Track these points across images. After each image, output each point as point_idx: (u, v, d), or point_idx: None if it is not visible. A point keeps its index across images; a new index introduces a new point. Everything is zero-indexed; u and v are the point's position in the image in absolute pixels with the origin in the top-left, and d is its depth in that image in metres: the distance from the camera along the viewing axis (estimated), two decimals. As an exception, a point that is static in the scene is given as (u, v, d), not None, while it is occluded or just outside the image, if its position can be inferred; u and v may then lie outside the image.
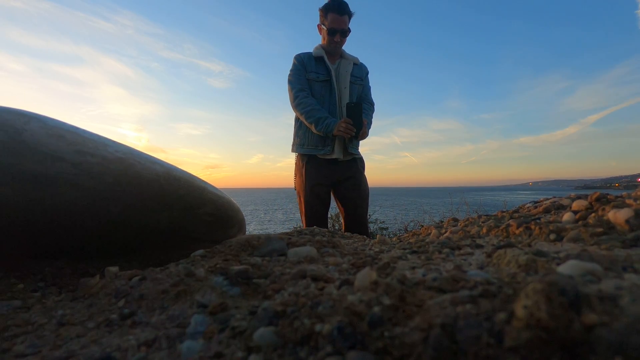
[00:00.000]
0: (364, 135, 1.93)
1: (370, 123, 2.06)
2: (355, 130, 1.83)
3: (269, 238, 0.89)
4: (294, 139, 2.07)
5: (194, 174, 1.10)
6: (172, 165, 1.04)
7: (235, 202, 1.25)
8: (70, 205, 0.86)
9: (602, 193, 0.96)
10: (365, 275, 0.49)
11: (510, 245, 0.66)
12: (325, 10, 1.90)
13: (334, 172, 2.00)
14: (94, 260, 1.03)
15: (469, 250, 0.76)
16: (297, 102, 1.90)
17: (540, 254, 0.58)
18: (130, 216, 0.95)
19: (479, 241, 0.87)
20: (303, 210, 2.02)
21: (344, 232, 2.19)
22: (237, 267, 0.68)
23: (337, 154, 1.96)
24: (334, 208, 2.46)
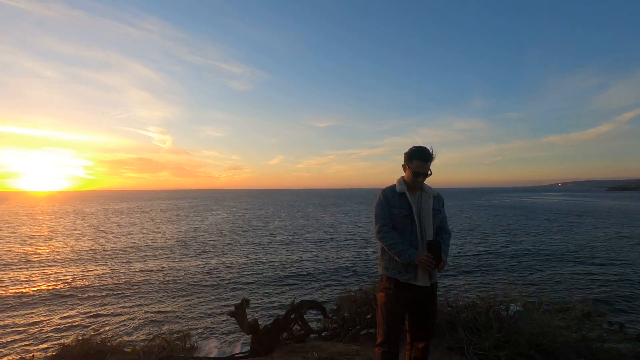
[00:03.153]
0: (443, 267, 2.23)
1: (447, 253, 2.31)
2: (434, 263, 2.13)
3: None
4: (379, 261, 2.40)
5: (217, 175, 1.11)
6: None
7: None
8: None
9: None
10: None
11: None
12: (410, 157, 2.26)
13: (414, 295, 2.27)
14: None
15: None
16: (381, 235, 2.25)
17: None
18: None
19: None
20: (381, 323, 2.31)
21: (410, 337, 2.39)
22: None
23: (421, 282, 2.22)
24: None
